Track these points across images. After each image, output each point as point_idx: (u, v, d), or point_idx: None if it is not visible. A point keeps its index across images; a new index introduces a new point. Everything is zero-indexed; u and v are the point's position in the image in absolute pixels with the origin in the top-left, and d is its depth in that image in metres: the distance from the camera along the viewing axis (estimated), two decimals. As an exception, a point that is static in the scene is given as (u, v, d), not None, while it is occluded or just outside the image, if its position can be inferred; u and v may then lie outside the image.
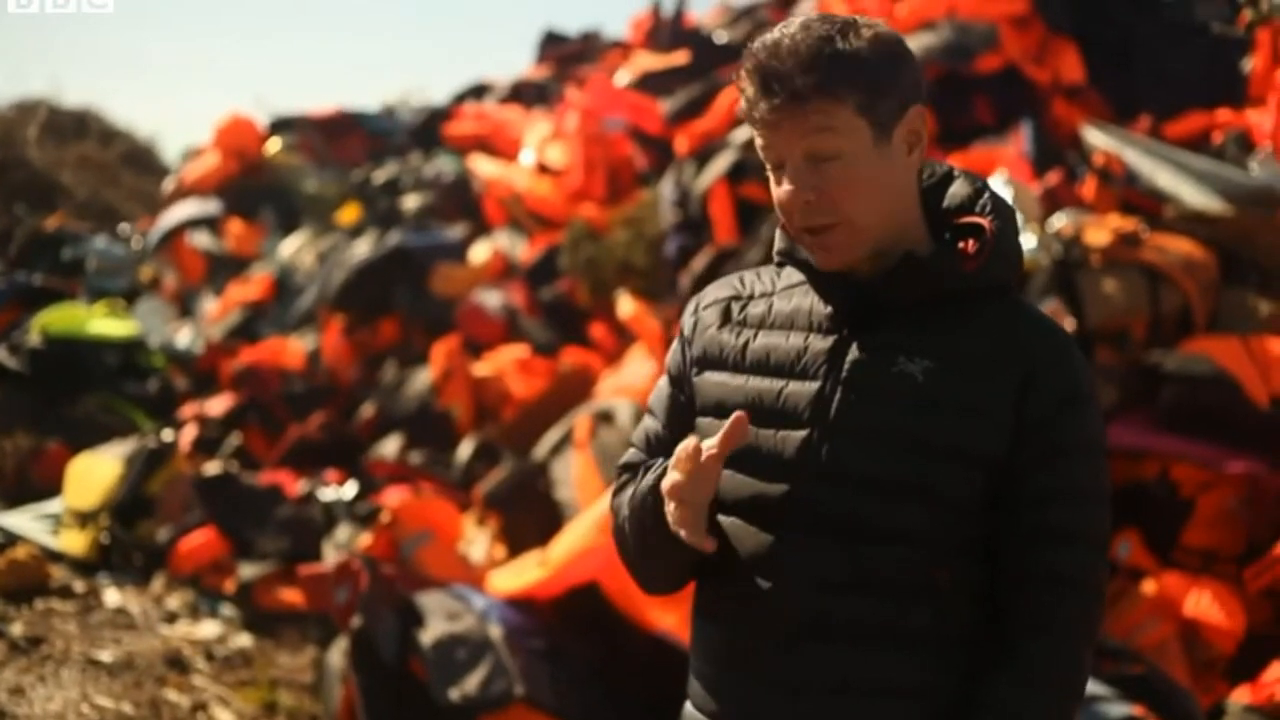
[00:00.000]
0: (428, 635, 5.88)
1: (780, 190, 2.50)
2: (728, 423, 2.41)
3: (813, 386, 2.50)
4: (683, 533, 2.45)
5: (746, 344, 2.60)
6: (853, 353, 2.49)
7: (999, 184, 7.36)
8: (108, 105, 42.55)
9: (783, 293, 2.62)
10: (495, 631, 5.91)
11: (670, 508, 2.46)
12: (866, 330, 2.50)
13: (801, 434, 2.49)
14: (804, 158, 2.46)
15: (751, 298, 2.66)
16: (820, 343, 2.53)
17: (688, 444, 2.40)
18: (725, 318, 2.67)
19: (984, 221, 2.52)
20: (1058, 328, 2.53)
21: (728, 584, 2.58)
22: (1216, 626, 6.04)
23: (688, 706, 2.67)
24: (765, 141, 2.50)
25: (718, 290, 2.72)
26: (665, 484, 2.46)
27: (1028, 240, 6.91)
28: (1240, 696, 5.62)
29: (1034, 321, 2.52)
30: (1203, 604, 6.10)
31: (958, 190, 2.60)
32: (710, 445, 2.41)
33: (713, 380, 2.64)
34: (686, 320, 2.77)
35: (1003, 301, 2.53)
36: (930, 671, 2.44)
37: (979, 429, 2.42)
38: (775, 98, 2.43)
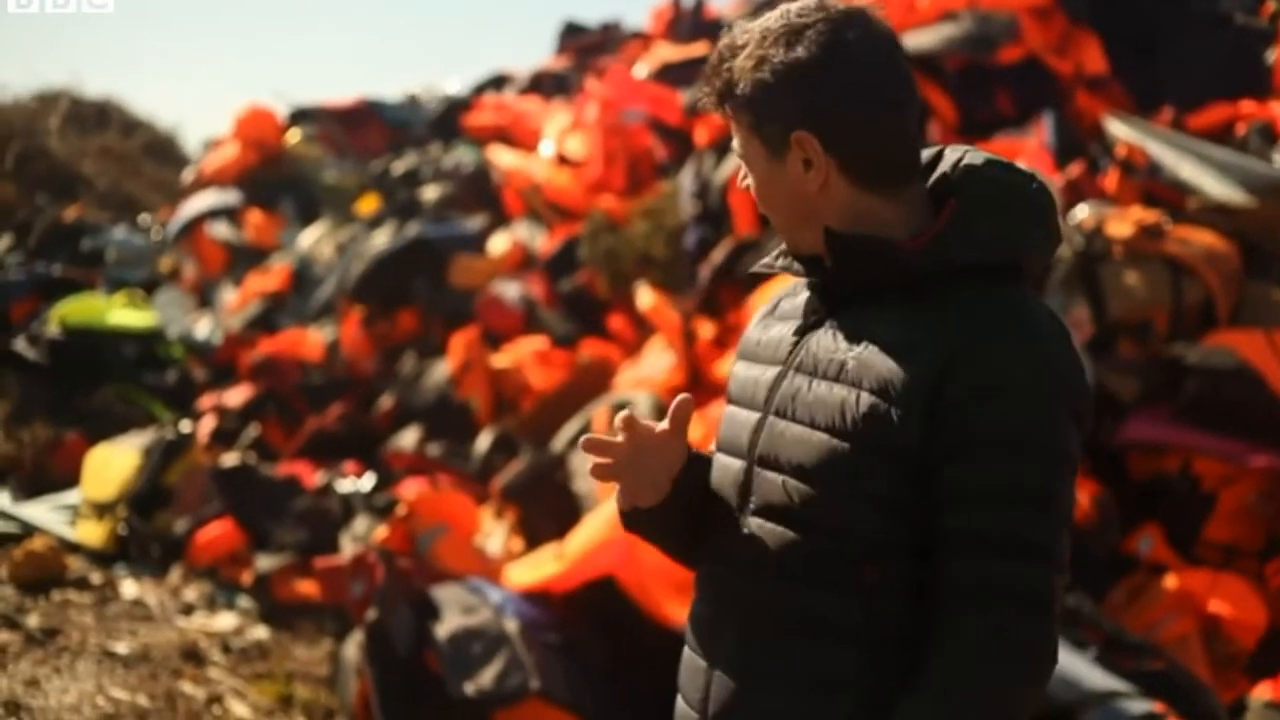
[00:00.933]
0: (443, 629, 5.86)
1: None
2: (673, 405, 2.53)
3: (774, 372, 2.53)
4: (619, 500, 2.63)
5: (762, 336, 2.63)
6: (808, 339, 2.49)
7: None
8: (129, 96, 42.76)
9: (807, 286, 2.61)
10: (511, 625, 5.89)
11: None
12: (833, 317, 2.48)
13: (755, 418, 2.51)
14: (737, 145, 2.55)
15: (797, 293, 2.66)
16: (792, 330, 2.55)
17: (621, 416, 2.51)
18: (770, 312, 2.70)
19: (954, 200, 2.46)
20: (1013, 316, 2.36)
21: (702, 565, 2.62)
22: (1238, 622, 6.01)
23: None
24: None
25: (788, 286, 2.74)
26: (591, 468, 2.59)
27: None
28: (1262, 692, 5.61)
29: (983, 307, 2.36)
30: (1224, 599, 6.06)
31: (957, 176, 2.51)
32: (662, 425, 2.55)
33: (734, 370, 2.67)
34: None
35: (975, 287, 2.40)
36: (863, 669, 2.37)
37: (890, 418, 2.32)
38: (703, 89, 2.55)
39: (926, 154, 2.56)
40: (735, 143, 2.55)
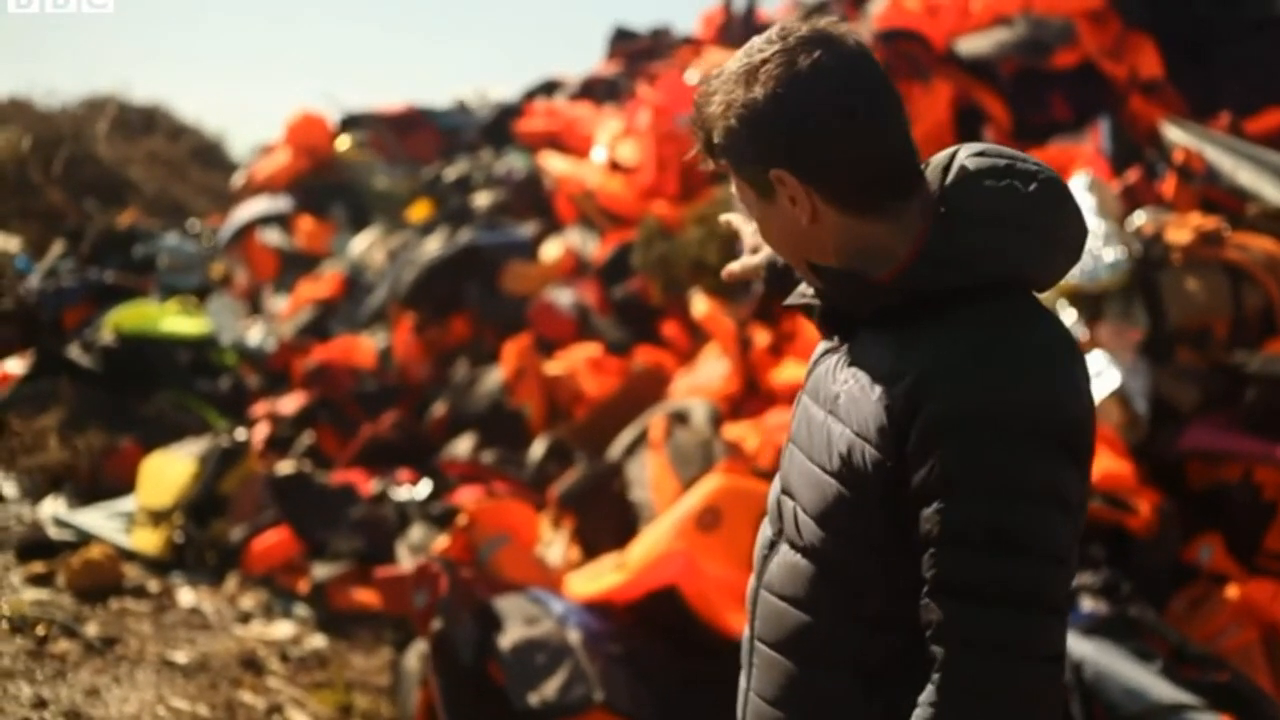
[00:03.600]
0: (506, 640, 5.85)
1: None
2: None
3: (802, 396, 2.56)
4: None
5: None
6: (821, 365, 2.52)
7: (1079, 185, 7.30)
8: (176, 101, 43.12)
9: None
10: (574, 636, 5.88)
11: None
12: (845, 344, 2.47)
13: (788, 441, 2.57)
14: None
15: None
16: (817, 353, 2.58)
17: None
18: None
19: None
20: (987, 342, 2.25)
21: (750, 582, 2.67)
22: (1302, 632, 5.98)
23: None
24: None
25: None
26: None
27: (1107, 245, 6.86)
28: (1326, 704, 5.56)
29: (957, 334, 2.27)
30: (1287, 609, 6.02)
31: (947, 187, 2.43)
32: None
33: None
34: None
35: (961, 308, 2.31)
36: (871, 701, 2.37)
37: (865, 457, 2.29)
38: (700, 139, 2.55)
39: (941, 156, 2.47)
40: (733, 187, 2.56)
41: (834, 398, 2.39)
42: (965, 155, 2.42)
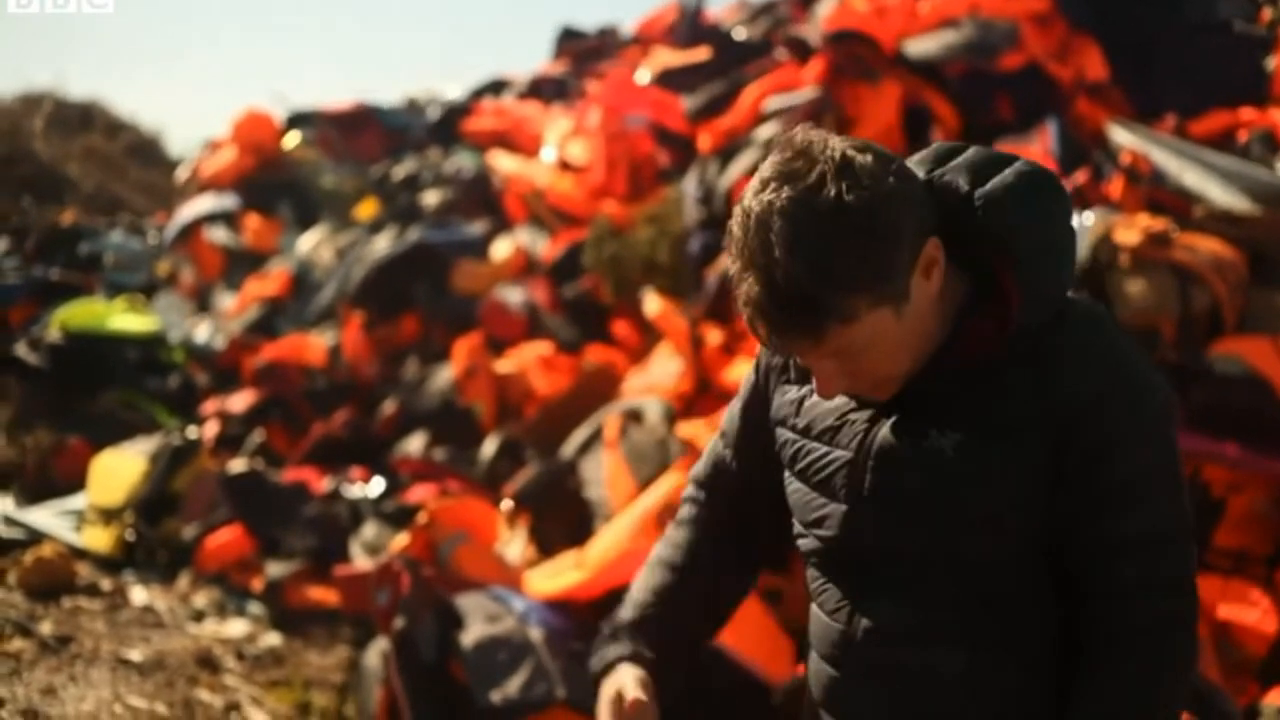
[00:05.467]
0: (468, 637, 5.86)
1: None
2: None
3: (843, 458, 2.49)
4: None
5: (802, 401, 2.60)
6: (884, 427, 2.44)
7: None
8: (113, 98, 42.81)
9: None
10: (536, 634, 5.89)
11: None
12: (900, 401, 2.43)
13: (840, 510, 2.49)
14: (828, 361, 2.33)
15: None
16: (856, 414, 2.50)
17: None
18: (784, 364, 2.67)
19: (1007, 276, 2.35)
20: (1103, 353, 2.33)
21: (815, 621, 2.65)
22: (1249, 628, 6.02)
23: None
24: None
25: None
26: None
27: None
28: (1274, 699, 5.61)
29: (1074, 357, 2.32)
30: (1234, 605, 6.08)
31: (996, 230, 2.36)
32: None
33: (782, 436, 2.65)
34: (762, 356, 2.76)
35: (1044, 336, 2.34)
36: (973, 716, 2.45)
37: (1014, 493, 2.33)
38: (784, 341, 2.28)
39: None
40: (835, 354, 2.31)
41: (934, 452, 2.36)
42: (1007, 197, 2.38)
